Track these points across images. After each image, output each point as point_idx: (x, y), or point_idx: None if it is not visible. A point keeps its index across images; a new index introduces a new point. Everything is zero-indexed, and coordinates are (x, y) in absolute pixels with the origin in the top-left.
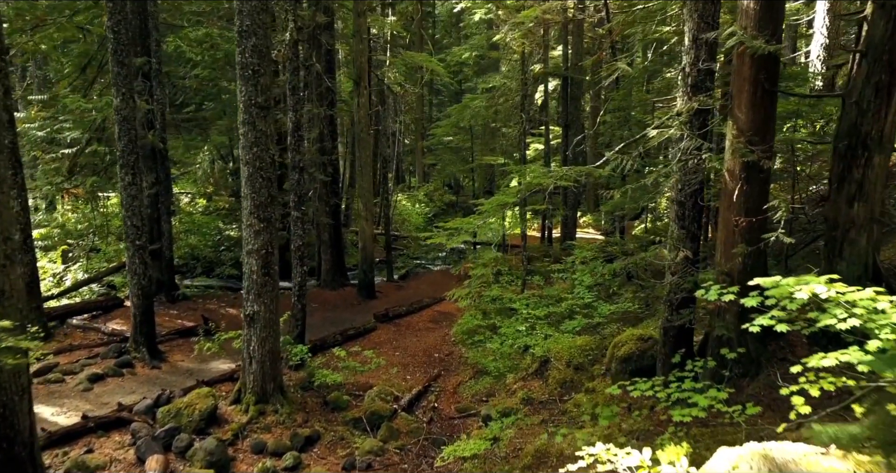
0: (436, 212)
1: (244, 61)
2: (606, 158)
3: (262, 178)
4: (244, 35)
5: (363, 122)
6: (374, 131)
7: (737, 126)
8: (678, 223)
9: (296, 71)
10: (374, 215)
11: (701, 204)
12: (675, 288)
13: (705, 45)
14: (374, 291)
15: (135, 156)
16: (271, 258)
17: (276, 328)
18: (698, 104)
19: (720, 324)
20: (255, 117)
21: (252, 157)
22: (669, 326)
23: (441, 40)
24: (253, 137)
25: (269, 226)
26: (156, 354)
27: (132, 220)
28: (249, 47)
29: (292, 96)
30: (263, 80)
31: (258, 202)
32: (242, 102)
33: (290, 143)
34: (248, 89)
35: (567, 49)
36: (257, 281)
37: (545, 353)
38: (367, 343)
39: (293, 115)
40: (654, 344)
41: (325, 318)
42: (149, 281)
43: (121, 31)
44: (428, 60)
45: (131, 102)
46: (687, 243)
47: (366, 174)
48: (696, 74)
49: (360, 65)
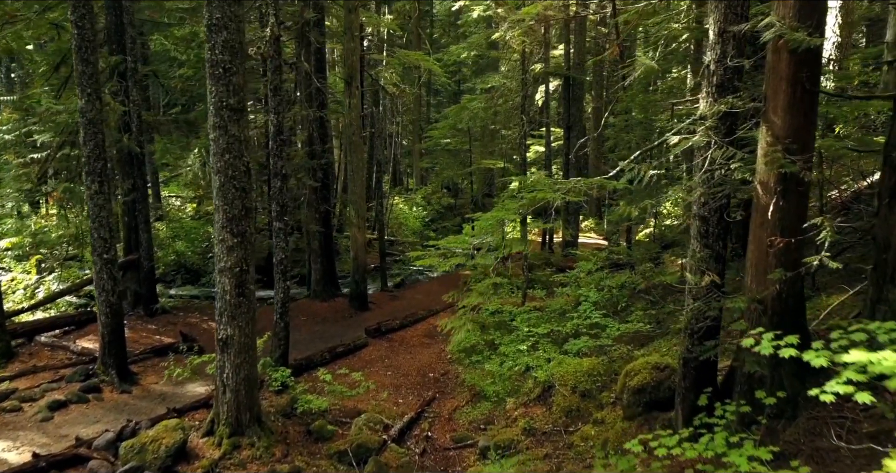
0: (433, 216)
1: (214, 59)
2: (621, 169)
3: (236, 188)
4: (214, 29)
5: (355, 124)
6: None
7: (772, 132)
8: (701, 241)
9: (277, 70)
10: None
11: (727, 220)
12: (698, 315)
13: (733, 40)
14: (367, 302)
15: (102, 162)
16: (246, 277)
17: (252, 353)
18: (726, 107)
19: (751, 359)
20: (227, 121)
21: (224, 165)
22: (690, 357)
23: (439, 39)
24: (225, 142)
25: (243, 241)
26: (126, 376)
27: (99, 232)
28: (220, 43)
29: (274, 97)
30: (236, 79)
31: (231, 215)
32: (213, 104)
33: (271, 147)
34: (219, 90)
35: (569, 48)
36: (231, 302)
37: (549, 377)
38: (357, 362)
39: (275, 117)
40: (671, 374)
41: (313, 332)
42: (118, 298)
43: (85, 26)
44: (424, 59)
45: (98, 104)
46: (711, 263)
47: (358, 179)
48: (723, 72)
49: (351, 64)
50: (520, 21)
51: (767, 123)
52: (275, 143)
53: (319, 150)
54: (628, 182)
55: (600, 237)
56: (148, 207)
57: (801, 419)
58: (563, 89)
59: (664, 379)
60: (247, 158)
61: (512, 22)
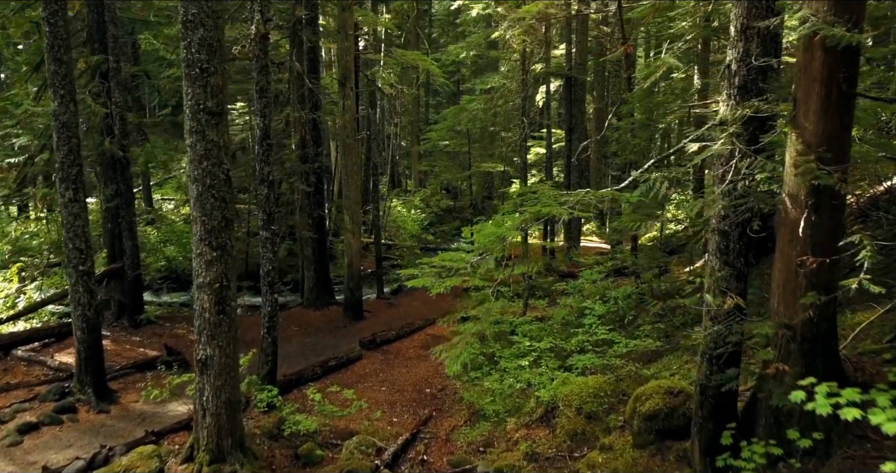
0: (432, 219)
1: (190, 58)
2: (634, 179)
3: (215, 197)
4: (190, 26)
5: (349, 126)
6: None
7: (802, 139)
8: (720, 258)
9: (264, 70)
10: (364, 224)
11: (750, 236)
12: (718, 340)
13: (757, 37)
14: (362, 310)
15: (77, 168)
16: (227, 293)
17: (233, 374)
18: (751, 110)
19: (780, 391)
20: (205, 125)
21: (202, 172)
22: (708, 385)
23: (438, 39)
24: (202, 148)
25: (223, 254)
26: (104, 395)
27: (75, 242)
28: (196, 41)
29: (260, 99)
30: (214, 80)
31: (210, 227)
32: (189, 108)
33: (257, 152)
34: (196, 92)
35: (570, 47)
36: (210, 320)
37: (552, 397)
38: (350, 376)
39: (261, 120)
40: (686, 400)
41: (304, 344)
42: (96, 312)
43: (57, 23)
44: (422, 58)
45: (72, 106)
46: (732, 283)
47: (352, 183)
48: (746, 73)
49: (345, 64)
50: (520, 19)
51: (797, 129)
52: (261, 147)
53: (312, 153)
54: (642, 195)
55: (602, 241)
56: (133, 213)
57: (835, 458)
58: (565, 90)
59: (678, 406)
60: (226, 165)
61: (512, 20)
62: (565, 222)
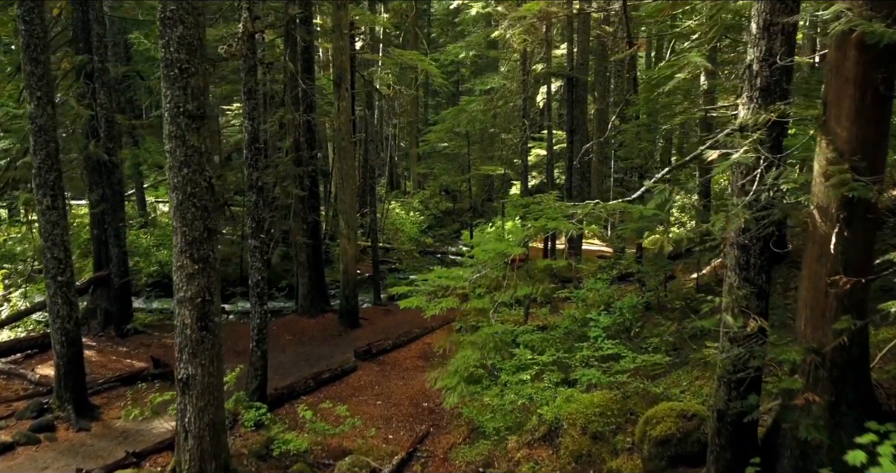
0: (431, 222)
1: (169, 57)
2: (647, 189)
3: (196, 207)
4: (168, 23)
5: (344, 129)
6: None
7: (833, 146)
8: (740, 274)
9: (252, 71)
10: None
11: (773, 251)
12: (738, 364)
13: (781, 34)
14: (358, 318)
15: (55, 173)
16: (210, 308)
17: (217, 394)
18: (776, 114)
19: (807, 422)
20: (185, 130)
21: (182, 180)
22: (726, 411)
23: (437, 39)
24: (182, 154)
25: (205, 267)
26: (85, 411)
27: (53, 251)
28: (175, 39)
29: (248, 101)
30: (195, 81)
31: (191, 238)
32: (168, 111)
33: (246, 156)
34: (175, 94)
35: (572, 47)
36: (192, 337)
37: (555, 415)
38: (344, 389)
39: (249, 123)
40: (700, 424)
41: (298, 354)
42: (76, 325)
43: (34, 21)
44: (420, 58)
45: (50, 109)
46: (753, 301)
47: (348, 187)
48: (769, 73)
49: (340, 64)
50: (521, 18)
51: (828, 135)
52: (250, 151)
53: (307, 156)
54: (657, 207)
55: (604, 244)
56: (120, 218)
57: None
58: (566, 91)
59: (692, 430)
60: (209, 172)
61: (513, 19)
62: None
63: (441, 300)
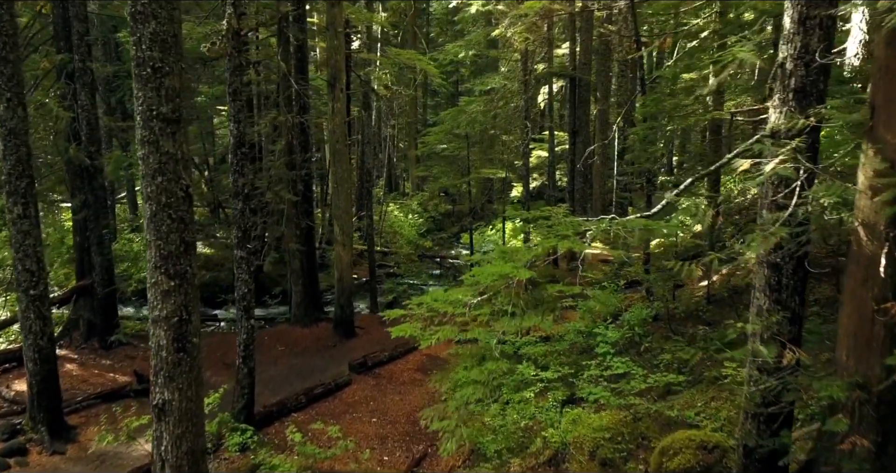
0: (430, 225)
1: (141, 56)
2: (668, 202)
3: (171, 218)
4: (139, 18)
5: (339, 131)
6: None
7: (882, 156)
8: (771, 296)
9: (237, 70)
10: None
11: (808, 270)
12: (769, 396)
13: (819, 28)
14: (353, 327)
15: (27, 180)
16: (187, 328)
17: (196, 420)
18: (815, 119)
19: (851, 465)
20: (159, 134)
21: (156, 189)
22: (754, 448)
23: (436, 39)
24: (156, 161)
25: (182, 284)
26: (60, 433)
27: (24, 263)
28: (147, 36)
29: (233, 103)
30: (170, 81)
31: (166, 252)
32: (140, 114)
33: (231, 161)
34: (148, 95)
35: (574, 46)
36: (168, 360)
37: (562, 439)
38: (337, 405)
39: (235, 126)
40: (723, 457)
41: (290, 367)
42: (50, 341)
43: (2, 17)
44: (418, 58)
45: (21, 111)
46: (785, 326)
47: (342, 191)
48: (804, 73)
49: (335, 63)
50: (522, 16)
51: (876, 143)
52: (235, 156)
53: (300, 159)
54: (680, 224)
55: (606, 248)
56: (103, 225)
57: None
58: (569, 91)
59: (713, 463)
60: (185, 180)
61: (514, 17)
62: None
63: (438, 328)
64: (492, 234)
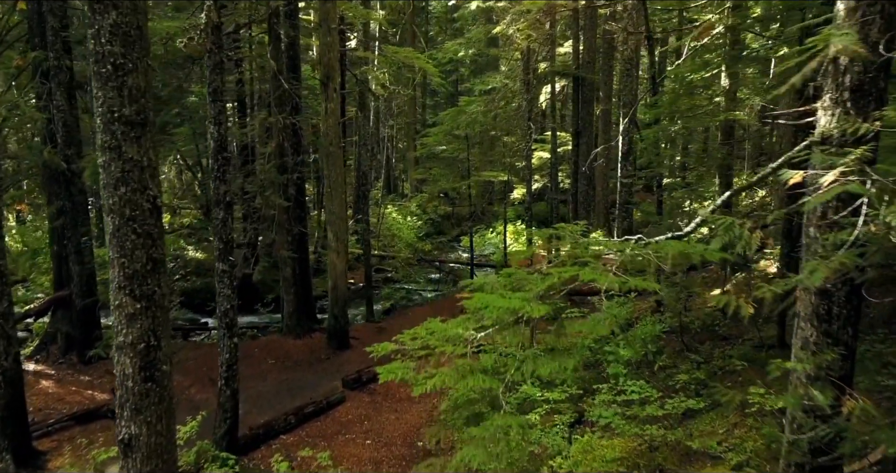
0: (429, 228)
1: (101, 51)
2: (703, 220)
3: (137, 233)
4: (98, 9)
5: (332, 132)
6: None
7: None
8: (819, 327)
9: (218, 68)
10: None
11: (864, 296)
12: (818, 444)
13: (880, 17)
14: (348, 338)
15: None
16: (156, 355)
17: (168, 455)
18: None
19: None
20: (122, 139)
21: (119, 201)
22: None
23: (435, 38)
24: (119, 170)
25: (150, 306)
26: (27, 460)
27: None
28: (107, 28)
29: (214, 104)
30: (134, 80)
31: (131, 271)
32: (101, 116)
33: (211, 167)
34: (109, 95)
35: (577, 44)
36: (134, 390)
37: (571, 469)
38: (329, 425)
39: (215, 129)
40: None
41: (280, 382)
42: (15, 361)
43: None
44: (415, 56)
45: None
46: (836, 362)
47: (336, 196)
48: (862, 69)
49: (327, 62)
50: (525, 13)
51: None
52: (216, 161)
53: (292, 162)
54: (723, 248)
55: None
56: (82, 232)
57: None
58: (573, 91)
59: None
60: (152, 191)
61: (516, 13)
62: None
63: (434, 371)
64: (492, 236)
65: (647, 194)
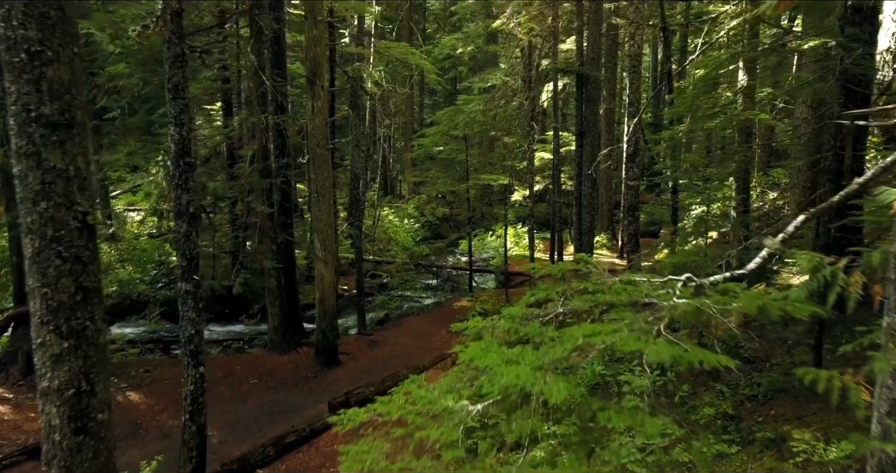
0: (426, 234)
1: (12, 36)
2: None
3: (63, 258)
4: None
5: (320, 133)
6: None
7: None
8: None
9: (179, 60)
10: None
11: None
12: None
13: None
14: (337, 354)
15: None
16: (89, 402)
17: None
18: None
19: None
20: (41, 144)
21: (39, 219)
22: None
23: (433, 35)
24: (38, 181)
25: (81, 344)
26: None
27: None
28: (20, 9)
29: (175, 102)
30: (54, 72)
31: (56, 303)
32: (15, 116)
33: (172, 174)
34: (23, 91)
35: (581, 40)
36: (63, 445)
37: None
38: (313, 456)
39: (176, 131)
40: None
41: (262, 405)
42: None
43: None
44: (410, 52)
45: None
46: None
47: (324, 202)
48: None
49: (314, 57)
50: (526, 5)
51: None
52: (176, 168)
53: (276, 165)
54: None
55: (614, 255)
56: None
57: None
58: (577, 89)
59: None
60: (82, 206)
61: (517, 6)
62: (575, 237)
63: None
64: (492, 240)
65: (648, 195)
